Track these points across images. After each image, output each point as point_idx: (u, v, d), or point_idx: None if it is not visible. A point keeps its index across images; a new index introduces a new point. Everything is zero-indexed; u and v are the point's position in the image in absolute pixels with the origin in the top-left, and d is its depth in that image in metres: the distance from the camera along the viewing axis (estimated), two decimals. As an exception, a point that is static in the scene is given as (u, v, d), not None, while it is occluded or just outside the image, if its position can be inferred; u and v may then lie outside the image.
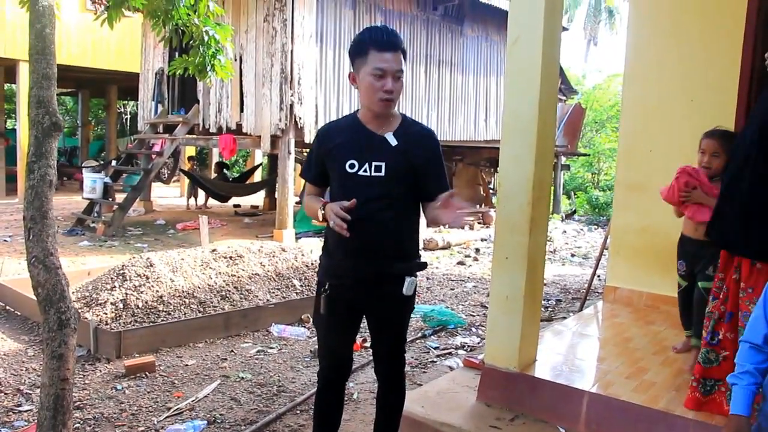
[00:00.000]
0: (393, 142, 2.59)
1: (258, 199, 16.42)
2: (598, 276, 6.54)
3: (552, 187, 17.50)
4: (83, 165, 14.84)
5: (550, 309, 6.60)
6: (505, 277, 3.41)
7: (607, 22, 35.34)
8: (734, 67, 4.46)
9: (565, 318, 5.85)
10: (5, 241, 10.04)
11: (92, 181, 11.77)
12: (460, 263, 9.37)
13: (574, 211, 17.82)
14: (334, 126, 2.78)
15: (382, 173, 2.56)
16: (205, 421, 3.72)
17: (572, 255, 10.66)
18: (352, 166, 2.58)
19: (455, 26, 13.40)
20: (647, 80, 5.03)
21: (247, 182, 16.08)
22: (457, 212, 2.42)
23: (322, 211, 2.54)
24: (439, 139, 2.79)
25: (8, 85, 18.94)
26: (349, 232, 2.40)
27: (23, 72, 14.99)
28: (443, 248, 10.52)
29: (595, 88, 27.31)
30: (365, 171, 2.57)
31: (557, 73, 3.53)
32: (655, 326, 4.56)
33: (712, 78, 4.66)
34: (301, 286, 6.34)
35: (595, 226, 14.94)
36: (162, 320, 5.20)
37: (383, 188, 2.56)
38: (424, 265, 2.76)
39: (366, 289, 2.65)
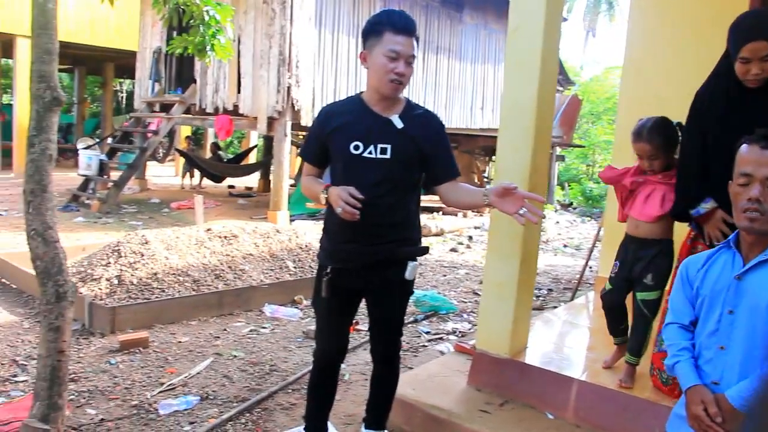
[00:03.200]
0: (399, 124, 2.58)
1: (252, 180, 16.42)
2: (590, 267, 6.59)
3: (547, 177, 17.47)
4: (78, 143, 14.83)
5: (541, 298, 6.66)
6: (498, 263, 3.45)
7: (606, 13, 35.29)
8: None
9: (556, 307, 5.90)
10: (1, 215, 10.04)
11: (88, 158, 11.79)
12: (453, 250, 9.42)
13: (571, 203, 17.89)
14: (337, 107, 2.75)
15: (388, 155, 2.55)
16: (198, 397, 3.76)
17: (564, 246, 10.73)
18: (356, 147, 2.56)
19: (454, 13, 13.39)
20: (646, 72, 5.05)
21: (242, 163, 16.07)
22: (522, 206, 2.39)
23: (325, 195, 2.54)
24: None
25: (5, 60, 18.84)
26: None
27: (20, 47, 14.93)
28: (436, 235, 10.56)
29: (593, 80, 27.36)
30: (370, 153, 2.56)
31: (557, 62, 3.54)
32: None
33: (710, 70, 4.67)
34: (295, 267, 6.38)
35: (588, 218, 15.01)
36: (156, 297, 5.23)
37: (388, 171, 2.56)
38: (426, 250, 2.80)
39: (369, 274, 2.66)
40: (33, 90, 2.93)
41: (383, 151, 2.56)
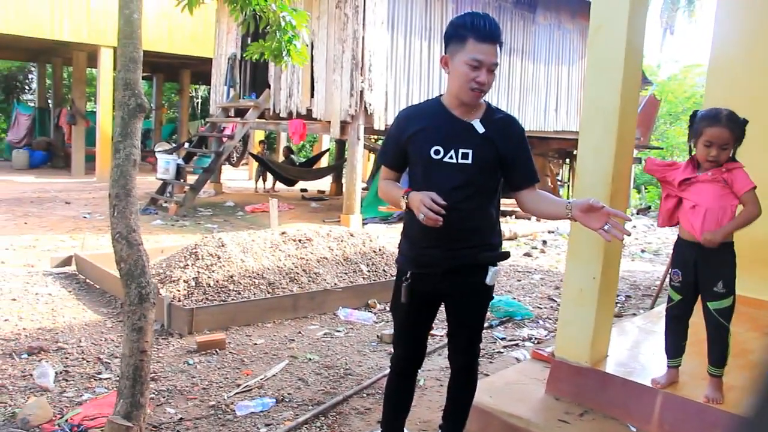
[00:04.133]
0: (480, 129, 2.54)
1: (325, 184, 16.58)
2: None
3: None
4: (155, 147, 15.30)
5: (619, 305, 6.47)
6: (579, 269, 3.36)
7: (686, 9, 34.08)
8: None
9: (635, 315, 5.74)
10: (85, 217, 10.43)
11: (166, 162, 12.12)
12: (527, 255, 9.27)
13: (649, 207, 17.40)
14: (416, 110, 2.71)
15: (469, 161, 2.51)
16: (274, 399, 3.79)
17: (642, 251, 10.43)
18: (437, 152, 2.53)
19: (527, 13, 13.20)
20: (734, 70, 4.82)
21: (315, 167, 16.25)
22: (607, 222, 2.33)
23: (406, 200, 2.51)
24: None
25: (89, 69, 19.60)
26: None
27: (104, 57, 15.49)
28: (510, 239, 10.42)
29: (671, 79, 26.56)
30: (451, 158, 2.52)
31: (641, 62, 3.42)
32: (733, 327, 4.40)
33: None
34: (369, 271, 6.39)
35: (666, 222, 14.53)
36: (232, 299, 5.32)
37: (469, 176, 2.52)
38: (507, 254, 2.75)
39: (450, 279, 2.63)
40: (118, 97, 3.01)
41: (464, 156, 2.51)
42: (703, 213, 2.95)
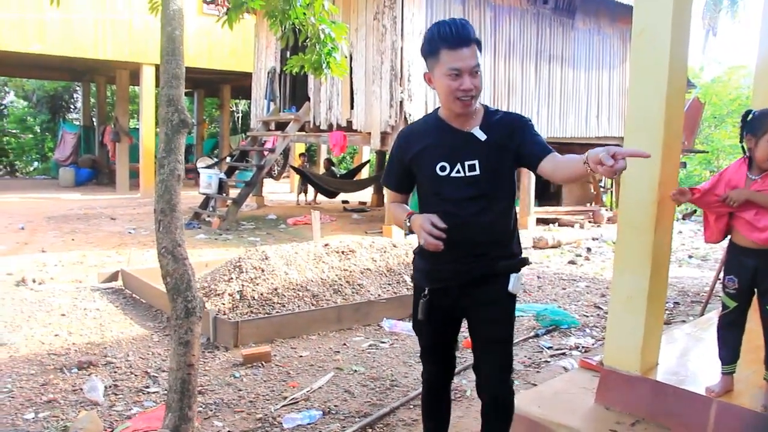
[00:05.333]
0: (482, 136, 2.45)
1: (366, 195, 16.60)
2: (720, 279, 6.21)
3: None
4: (197, 163, 15.53)
5: (667, 311, 6.33)
6: (627, 276, 3.29)
7: (728, 10, 33.39)
8: None
9: (684, 322, 5.62)
10: (129, 233, 10.60)
11: (208, 176, 12.26)
12: (572, 262, 9.14)
13: (694, 211, 17.04)
14: (416, 128, 2.64)
15: (477, 172, 2.44)
16: (321, 412, 3.78)
17: (690, 256, 10.21)
18: (443, 168, 2.46)
19: (566, 20, 13.06)
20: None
21: (355, 179, 16.28)
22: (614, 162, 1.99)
23: (409, 223, 2.45)
24: (549, 135, 2.64)
25: (131, 87, 20.00)
26: (447, 234, 2.29)
27: (146, 74, 15.81)
28: (553, 247, 10.31)
29: (714, 81, 25.98)
30: (458, 172, 2.45)
31: (686, 65, 3.35)
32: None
33: None
34: (412, 282, 6.35)
35: (714, 227, 14.20)
36: (277, 312, 5.33)
37: (479, 188, 2.45)
38: (526, 261, 2.62)
39: (468, 292, 2.53)
40: (161, 113, 3.05)
41: (471, 168, 2.45)
42: None
